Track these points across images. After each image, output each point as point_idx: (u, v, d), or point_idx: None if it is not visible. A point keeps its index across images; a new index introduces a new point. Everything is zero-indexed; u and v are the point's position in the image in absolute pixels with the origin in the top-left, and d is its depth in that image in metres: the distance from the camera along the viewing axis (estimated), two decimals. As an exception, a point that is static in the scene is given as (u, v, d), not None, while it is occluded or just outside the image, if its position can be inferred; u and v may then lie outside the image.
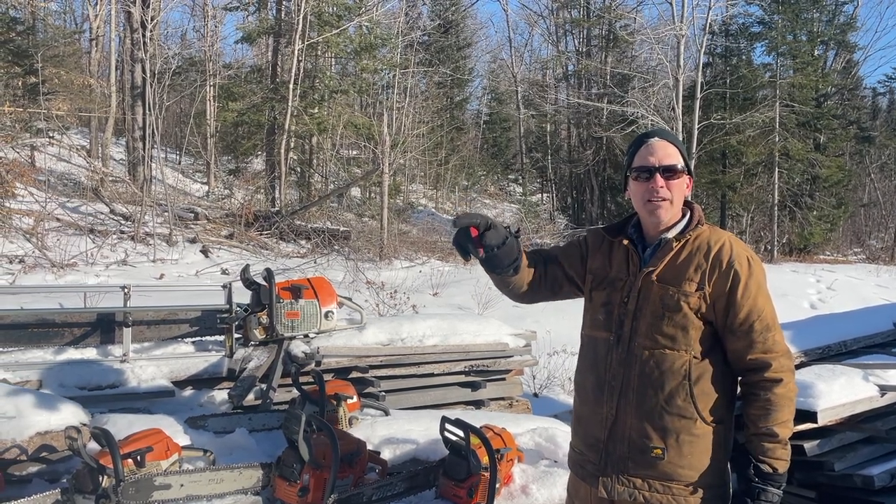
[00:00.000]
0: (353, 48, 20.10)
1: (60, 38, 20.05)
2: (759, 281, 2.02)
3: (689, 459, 2.02)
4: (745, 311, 1.99)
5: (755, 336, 1.98)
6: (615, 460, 2.09)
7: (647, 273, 2.08)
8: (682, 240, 2.08)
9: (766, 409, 1.97)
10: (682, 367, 2.02)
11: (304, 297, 4.05)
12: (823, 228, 23.88)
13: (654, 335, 2.04)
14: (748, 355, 2.00)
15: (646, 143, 2.11)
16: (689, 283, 2.03)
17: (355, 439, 2.96)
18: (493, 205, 28.36)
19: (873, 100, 37.71)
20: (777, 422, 1.96)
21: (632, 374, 2.06)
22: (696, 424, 2.01)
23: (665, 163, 2.06)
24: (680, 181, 2.08)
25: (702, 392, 2.01)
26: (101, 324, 3.98)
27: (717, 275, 2.01)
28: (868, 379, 4.02)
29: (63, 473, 2.83)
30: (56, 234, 12.15)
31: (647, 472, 2.04)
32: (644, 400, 2.04)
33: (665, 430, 2.02)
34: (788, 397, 1.97)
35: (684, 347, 2.02)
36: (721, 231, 2.12)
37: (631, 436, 2.06)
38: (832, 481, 4.01)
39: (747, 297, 2.00)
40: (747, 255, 2.05)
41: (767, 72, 24.15)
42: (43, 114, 15.14)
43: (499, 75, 35.18)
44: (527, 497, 3.10)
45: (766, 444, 1.97)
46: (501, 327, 4.77)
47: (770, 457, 1.97)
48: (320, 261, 13.41)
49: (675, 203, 2.08)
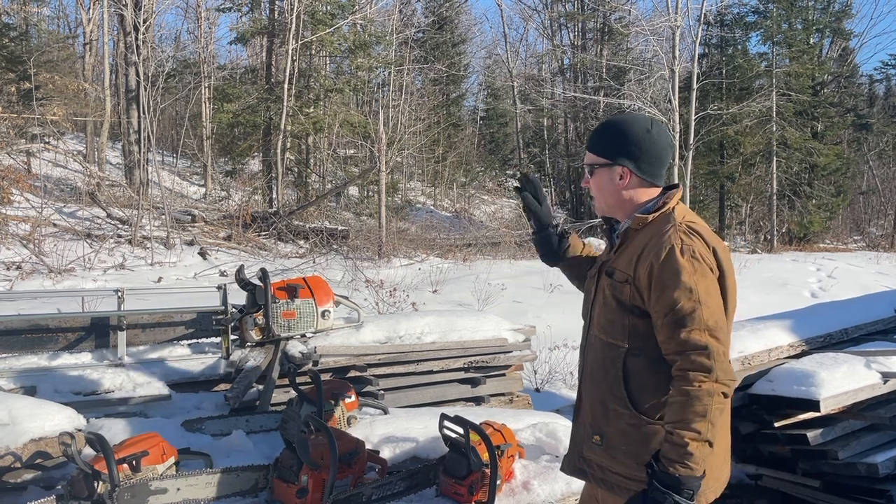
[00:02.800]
0: (347, 46, 20.06)
1: (54, 43, 20.01)
2: (678, 273, 1.89)
3: (623, 451, 2.01)
4: (658, 304, 1.92)
5: (668, 331, 1.90)
6: (575, 442, 2.17)
7: (604, 262, 2.12)
8: (635, 227, 2.04)
9: (671, 406, 1.88)
10: (618, 358, 2.01)
11: (300, 296, 4.02)
12: (823, 217, 23.86)
13: (601, 325, 2.08)
14: (664, 350, 1.94)
15: None
16: (622, 274, 2.01)
17: (354, 439, 2.93)
18: (492, 200, 28.32)
19: (870, 87, 37.66)
20: (677, 421, 1.85)
21: (587, 361, 2.14)
22: (629, 418, 1.99)
23: (585, 162, 2.15)
24: (598, 177, 2.10)
25: (638, 387, 1.99)
26: (95, 328, 3.94)
27: (642, 265, 1.96)
28: (870, 366, 4.00)
29: (58, 480, 2.80)
30: (53, 240, 12.13)
31: (592, 456, 2.09)
32: (592, 388, 2.10)
33: (603, 420, 2.05)
34: (694, 396, 1.83)
35: (620, 339, 2.02)
36: (676, 217, 2.00)
37: (584, 420, 2.13)
38: (836, 470, 3.99)
39: (659, 288, 1.91)
40: (677, 244, 1.92)
41: (763, 61, 24.11)
42: (38, 119, 15.10)
43: (494, 71, 35.09)
44: (528, 493, 3.07)
45: (666, 443, 1.87)
46: (500, 323, 4.74)
47: (666, 457, 1.85)
48: (319, 260, 13.39)
49: (601, 196, 2.12)
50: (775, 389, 3.92)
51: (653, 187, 2.10)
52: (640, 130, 2.06)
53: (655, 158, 2.06)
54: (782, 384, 3.91)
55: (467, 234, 18.45)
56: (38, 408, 2.93)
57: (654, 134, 2.06)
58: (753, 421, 4.11)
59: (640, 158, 2.05)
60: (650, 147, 2.05)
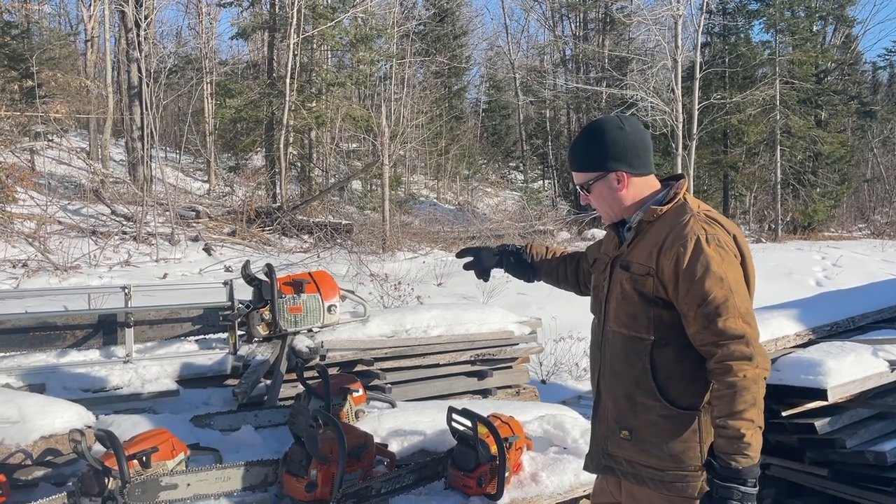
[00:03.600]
0: (348, 40, 20.02)
1: (55, 40, 19.98)
2: (708, 262, 1.89)
3: (655, 443, 2.00)
4: (690, 296, 1.90)
5: (703, 322, 1.89)
6: (598, 438, 2.15)
7: (617, 256, 2.11)
8: (648, 219, 2.03)
9: (719, 400, 1.87)
10: (644, 351, 2.00)
11: (306, 291, 4.02)
12: (827, 205, 23.79)
13: (619, 319, 2.05)
14: (698, 342, 1.93)
15: None
16: (642, 267, 2.00)
17: (362, 433, 2.94)
18: (495, 193, 28.29)
19: (874, 74, 37.47)
20: (728, 414, 1.84)
21: (605, 356, 2.11)
22: (660, 409, 1.98)
23: (576, 182, 2.17)
24: (596, 191, 2.10)
25: (666, 377, 1.98)
26: (102, 325, 3.95)
27: (665, 257, 1.95)
28: (878, 354, 3.98)
29: (69, 477, 2.82)
30: (58, 237, 12.16)
31: (620, 451, 2.07)
32: (614, 383, 2.07)
33: (631, 414, 2.03)
34: (742, 386, 1.83)
35: (644, 332, 2.00)
36: (692, 207, 2.01)
37: (607, 416, 2.11)
38: (844, 458, 3.97)
39: (689, 279, 1.90)
40: (700, 233, 1.92)
41: (766, 49, 24.01)
42: (41, 117, 15.11)
43: (496, 63, 35.01)
44: (537, 485, 3.07)
45: (720, 437, 1.87)
46: (506, 315, 4.74)
47: (724, 452, 1.85)
48: (323, 255, 13.40)
49: (605, 207, 2.12)
50: (782, 379, 3.90)
51: (649, 177, 2.10)
52: (614, 131, 2.05)
53: (641, 150, 2.06)
54: (789, 373, 3.90)
55: (471, 226, 18.44)
56: (47, 405, 2.94)
57: (628, 128, 2.06)
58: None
59: (628, 157, 2.05)
60: (631, 141, 2.05)
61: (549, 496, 3.05)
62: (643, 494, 2.05)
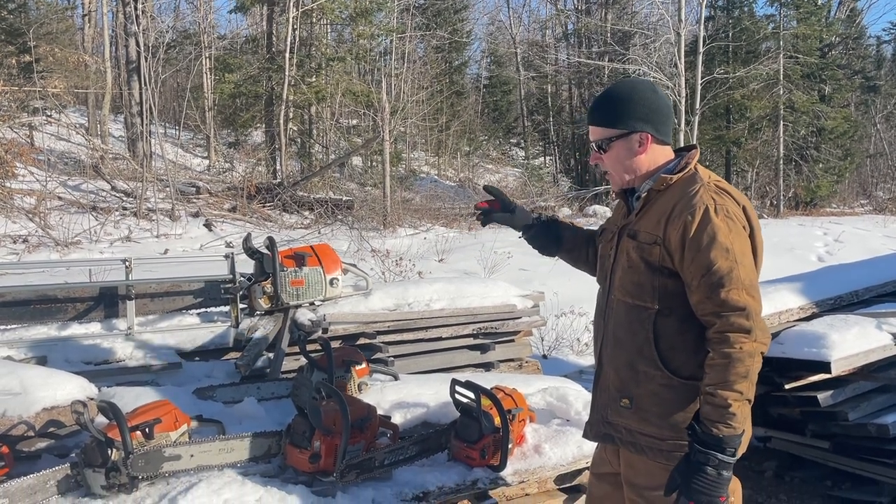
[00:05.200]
0: (348, 14, 19.80)
1: (52, 14, 19.80)
2: (715, 232, 1.88)
3: (655, 412, 2.00)
4: (694, 265, 1.90)
5: (705, 292, 1.88)
6: (598, 407, 2.16)
7: (625, 225, 2.09)
8: (658, 188, 2.02)
9: (711, 368, 1.88)
10: (648, 320, 1.99)
11: (308, 264, 4.00)
12: (830, 181, 23.70)
13: (624, 288, 2.04)
14: (700, 311, 1.92)
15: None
16: (650, 235, 1.98)
17: (365, 405, 2.93)
18: (496, 169, 28.18)
19: (878, 48, 37.16)
20: (719, 383, 1.85)
21: (609, 325, 2.11)
22: (661, 379, 1.99)
23: (591, 139, 2.10)
24: (614, 150, 2.05)
25: (669, 347, 1.98)
26: (104, 298, 3.94)
27: (673, 225, 1.93)
28: (881, 328, 3.98)
29: (72, 448, 2.82)
30: (58, 213, 12.14)
31: (620, 420, 2.08)
32: (616, 352, 2.07)
33: (632, 382, 2.03)
34: (736, 358, 1.84)
35: (649, 301, 1.99)
36: (703, 177, 2.00)
37: (608, 385, 2.11)
38: (846, 431, 3.99)
39: (695, 248, 1.89)
40: (709, 203, 1.91)
41: (770, 23, 23.77)
42: (39, 92, 15.01)
43: (497, 38, 34.67)
44: (540, 456, 3.08)
45: (707, 404, 1.87)
46: (509, 289, 4.72)
47: (708, 418, 1.86)
48: (324, 231, 13.38)
49: (619, 169, 2.07)
50: (786, 352, 3.90)
51: (666, 147, 2.09)
52: (648, 93, 2.05)
53: (666, 118, 2.06)
54: (793, 346, 3.90)
55: (472, 203, 18.36)
56: (49, 377, 2.94)
57: (660, 94, 2.07)
58: (764, 384, 4.09)
59: (656, 121, 2.03)
60: (661, 107, 2.05)
61: (551, 467, 3.06)
62: (641, 463, 2.06)
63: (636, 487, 2.09)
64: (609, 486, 2.24)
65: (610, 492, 2.24)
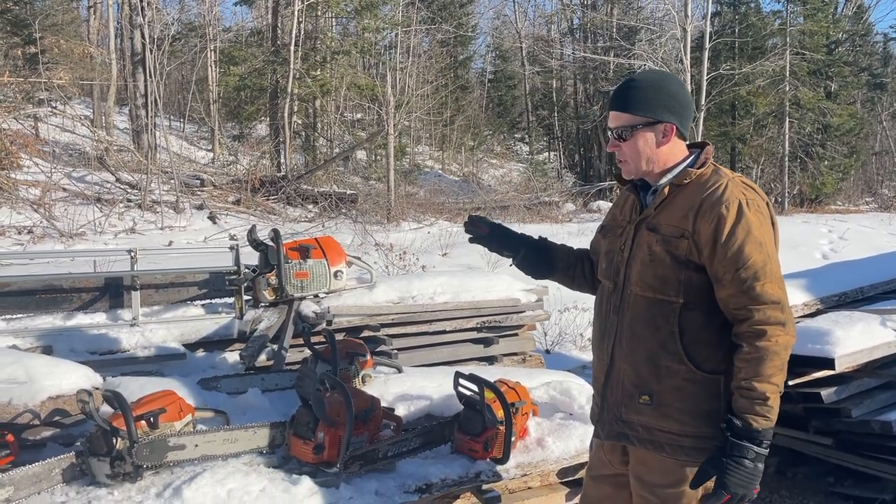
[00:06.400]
0: (353, 7, 19.76)
1: (58, 6, 19.77)
2: (749, 227, 1.89)
3: (678, 407, 1.98)
4: (728, 259, 1.89)
5: (739, 286, 1.89)
6: (610, 405, 2.11)
7: (642, 219, 2.06)
8: (679, 182, 2.01)
9: (747, 362, 1.88)
10: (672, 314, 1.98)
11: (312, 256, 4.01)
12: (835, 178, 23.62)
13: (644, 282, 2.02)
14: (732, 305, 1.92)
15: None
16: (676, 229, 1.97)
17: (369, 396, 2.94)
18: (500, 164, 28.14)
19: (885, 46, 36.92)
20: (756, 376, 1.86)
21: (624, 321, 2.06)
22: (685, 373, 1.97)
23: (612, 125, 2.07)
24: (636, 138, 2.02)
25: (693, 341, 1.97)
26: (109, 288, 3.95)
27: (704, 219, 1.93)
28: (886, 325, 3.96)
29: (77, 437, 2.82)
30: (63, 204, 12.16)
31: (637, 417, 2.04)
32: (634, 347, 2.04)
33: (653, 378, 2.01)
34: (773, 351, 1.86)
35: (672, 295, 1.97)
36: (726, 173, 2.02)
37: (623, 382, 2.07)
38: (849, 428, 3.98)
39: (731, 243, 1.89)
40: (741, 198, 1.92)
41: (777, 19, 23.68)
42: (44, 84, 15.00)
43: (502, 32, 34.56)
44: (543, 450, 3.08)
45: (743, 398, 1.88)
46: (512, 283, 4.73)
47: (745, 412, 1.87)
48: (328, 224, 13.39)
49: (637, 159, 2.04)
50: (789, 348, 3.90)
51: (683, 144, 2.10)
52: (676, 86, 2.06)
53: (691, 114, 2.08)
54: (797, 343, 3.86)
55: (476, 197, 18.40)
56: (55, 366, 2.95)
57: (686, 90, 2.09)
58: (766, 380, 4.10)
59: (682, 114, 2.04)
60: (688, 102, 2.07)
61: (554, 461, 3.06)
62: (656, 462, 2.03)
63: (649, 485, 2.06)
64: (609, 487, 2.22)
65: (610, 493, 2.22)
